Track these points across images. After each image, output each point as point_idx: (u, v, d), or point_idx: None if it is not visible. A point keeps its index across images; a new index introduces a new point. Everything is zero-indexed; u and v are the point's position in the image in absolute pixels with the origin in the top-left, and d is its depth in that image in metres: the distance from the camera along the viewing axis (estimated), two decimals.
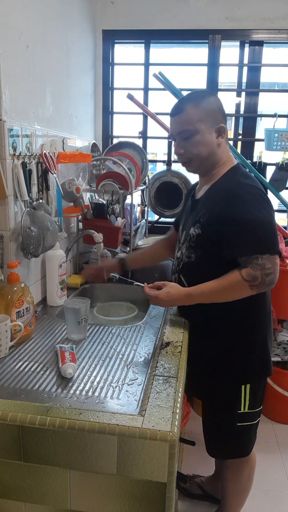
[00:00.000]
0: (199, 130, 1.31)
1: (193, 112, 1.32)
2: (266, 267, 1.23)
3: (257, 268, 1.23)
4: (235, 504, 1.61)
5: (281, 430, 2.32)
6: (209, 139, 1.33)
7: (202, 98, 1.34)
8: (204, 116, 1.32)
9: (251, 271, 1.23)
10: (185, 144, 1.35)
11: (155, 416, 0.95)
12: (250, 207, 1.25)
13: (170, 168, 2.64)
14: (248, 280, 1.24)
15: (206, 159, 1.36)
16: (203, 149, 1.33)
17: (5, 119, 1.35)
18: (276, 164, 2.51)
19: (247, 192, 1.28)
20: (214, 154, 1.35)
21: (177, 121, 1.35)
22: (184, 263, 1.42)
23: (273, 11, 2.38)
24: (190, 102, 1.34)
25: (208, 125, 1.32)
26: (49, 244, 1.57)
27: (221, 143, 1.35)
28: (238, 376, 1.40)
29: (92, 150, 2.29)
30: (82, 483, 0.98)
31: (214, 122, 1.33)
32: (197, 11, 2.42)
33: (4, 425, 0.95)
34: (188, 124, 1.32)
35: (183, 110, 1.34)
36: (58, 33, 1.84)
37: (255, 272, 1.23)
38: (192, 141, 1.33)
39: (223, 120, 1.35)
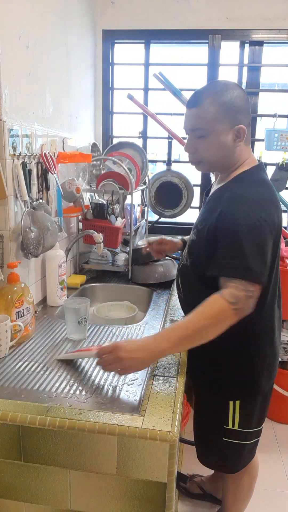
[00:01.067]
0: (214, 130, 1.18)
1: (210, 109, 1.17)
2: (249, 289, 1.08)
3: (241, 288, 1.08)
4: (235, 510, 1.60)
5: (281, 430, 2.32)
6: (224, 141, 1.19)
7: (225, 92, 1.18)
8: (222, 114, 1.17)
9: (234, 292, 1.07)
10: (197, 144, 1.23)
11: (155, 416, 0.95)
12: (243, 224, 1.10)
13: (170, 168, 2.64)
14: (232, 303, 1.07)
15: (218, 163, 1.25)
16: (216, 152, 1.22)
17: (5, 119, 1.35)
18: (276, 164, 2.51)
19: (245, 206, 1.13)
20: (229, 157, 1.23)
21: (192, 115, 1.21)
22: (183, 264, 1.39)
23: (273, 11, 2.37)
24: (210, 96, 1.18)
25: (226, 126, 1.18)
26: (49, 244, 1.57)
27: (238, 146, 1.21)
28: (224, 391, 1.33)
29: (92, 150, 2.29)
30: (82, 483, 0.98)
31: (233, 123, 1.18)
32: (197, 11, 2.42)
33: (4, 425, 0.95)
34: (203, 122, 1.19)
35: (200, 103, 1.19)
36: (58, 33, 1.84)
37: (239, 292, 1.07)
38: (205, 141, 1.21)
39: (244, 120, 1.20)
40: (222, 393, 1.34)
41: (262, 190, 1.19)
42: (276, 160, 2.52)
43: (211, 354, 1.31)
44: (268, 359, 1.32)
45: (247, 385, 1.31)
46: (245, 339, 1.27)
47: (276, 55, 2.61)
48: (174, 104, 2.56)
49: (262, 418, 1.40)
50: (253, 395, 1.33)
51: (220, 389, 1.34)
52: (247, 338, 1.27)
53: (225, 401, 1.33)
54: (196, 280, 1.30)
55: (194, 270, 1.31)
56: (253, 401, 1.34)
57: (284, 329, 2.42)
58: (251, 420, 1.36)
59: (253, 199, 1.15)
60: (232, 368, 1.30)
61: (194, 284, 1.31)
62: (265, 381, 1.33)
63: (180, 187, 2.60)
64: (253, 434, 1.39)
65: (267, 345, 1.31)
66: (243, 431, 1.35)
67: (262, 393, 1.35)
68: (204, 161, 1.26)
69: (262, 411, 1.39)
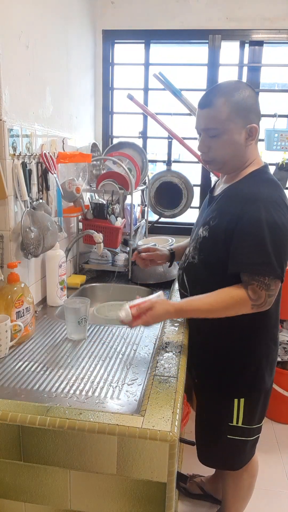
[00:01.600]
0: (227, 129, 1.21)
1: (223, 108, 1.19)
2: (271, 288, 1.16)
3: (263, 287, 1.15)
4: (235, 510, 1.60)
5: (281, 430, 2.32)
6: (237, 140, 1.22)
7: (236, 92, 1.20)
8: (235, 114, 1.20)
9: (257, 289, 1.16)
10: (210, 143, 1.24)
11: (155, 416, 0.95)
12: (265, 224, 1.14)
13: (170, 168, 2.64)
14: (253, 299, 1.16)
15: (230, 161, 1.27)
16: (229, 150, 1.24)
17: (5, 119, 1.35)
18: (276, 164, 2.51)
19: (265, 206, 1.16)
20: (241, 156, 1.25)
21: (205, 115, 1.23)
22: (188, 262, 1.38)
23: (273, 11, 2.37)
24: (222, 96, 1.20)
25: (238, 125, 1.21)
26: (49, 244, 1.57)
27: (250, 145, 1.24)
28: (230, 388, 1.36)
29: (92, 150, 2.29)
30: (82, 483, 0.98)
31: (245, 122, 1.21)
32: (197, 11, 2.42)
33: (4, 425, 0.95)
34: (216, 122, 1.21)
35: (213, 104, 1.21)
36: (58, 33, 1.84)
37: (261, 291, 1.16)
38: (219, 141, 1.23)
39: (256, 119, 1.23)
40: (228, 391, 1.36)
41: (276, 190, 1.22)
42: (276, 160, 2.52)
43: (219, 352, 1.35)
44: (272, 355, 1.36)
45: (253, 382, 1.34)
46: (255, 336, 1.32)
47: (276, 55, 2.61)
48: (174, 104, 2.56)
49: (263, 414, 1.43)
50: (258, 391, 1.36)
51: (227, 387, 1.36)
52: (257, 335, 1.32)
53: (230, 398, 1.36)
54: (207, 277, 1.31)
55: (205, 267, 1.31)
56: (257, 397, 1.36)
57: (284, 329, 2.42)
58: (254, 416, 1.38)
59: (272, 199, 1.18)
60: (240, 365, 1.33)
61: (204, 281, 1.31)
62: (268, 377, 1.36)
63: (180, 187, 2.60)
64: (255, 430, 1.41)
65: (272, 341, 1.35)
66: (246, 428, 1.38)
67: (266, 391, 1.38)
68: (217, 159, 1.28)
69: (264, 407, 1.41)
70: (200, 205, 2.72)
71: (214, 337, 1.35)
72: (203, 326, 1.35)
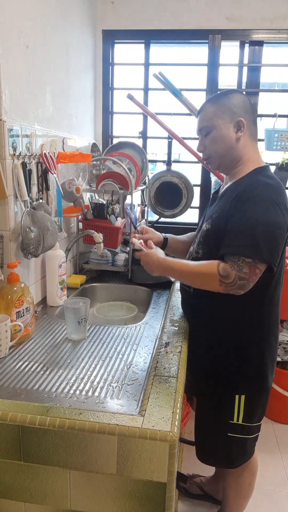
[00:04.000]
0: (215, 125, 1.31)
1: (210, 109, 1.33)
2: (243, 270, 1.18)
3: (234, 267, 1.19)
4: (236, 508, 1.60)
5: (281, 430, 2.32)
6: (226, 134, 1.31)
7: (223, 95, 1.34)
8: (220, 111, 1.31)
9: (228, 267, 1.19)
10: (205, 141, 1.35)
11: (155, 416, 0.95)
12: (259, 207, 1.20)
13: (170, 168, 2.64)
14: (221, 275, 1.20)
15: (224, 155, 1.34)
16: (221, 144, 1.32)
17: (5, 119, 1.35)
18: (276, 164, 2.50)
19: (262, 193, 1.22)
20: (232, 149, 1.32)
21: (198, 120, 1.37)
22: (192, 258, 1.41)
23: (273, 11, 2.37)
24: (210, 100, 1.35)
25: (225, 120, 1.31)
26: (49, 244, 1.57)
27: (241, 137, 1.31)
28: (232, 385, 1.37)
29: (92, 150, 2.29)
30: (82, 483, 0.98)
31: (232, 116, 1.30)
32: (197, 11, 2.42)
33: (4, 425, 0.95)
34: (206, 121, 1.33)
35: (203, 109, 1.36)
36: (58, 33, 1.84)
37: (231, 270, 1.19)
38: (210, 137, 1.33)
39: (244, 115, 1.31)
40: (229, 387, 1.37)
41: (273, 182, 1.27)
42: (276, 160, 2.51)
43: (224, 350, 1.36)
44: (273, 353, 1.38)
45: (254, 379, 1.36)
46: (258, 333, 1.34)
47: (276, 55, 2.61)
48: (174, 104, 2.56)
49: (263, 412, 1.44)
50: (259, 389, 1.38)
51: (228, 383, 1.37)
52: (260, 332, 1.34)
53: (231, 395, 1.37)
54: None
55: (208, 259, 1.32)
56: (258, 395, 1.38)
57: (284, 329, 2.42)
58: (254, 414, 1.39)
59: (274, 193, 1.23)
60: (242, 362, 1.35)
61: None
62: (270, 375, 1.38)
63: (180, 187, 2.60)
64: (255, 428, 1.42)
65: (273, 339, 1.38)
66: (246, 425, 1.39)
67: (266, 387, 1.39)
68: (213, 155, 1.36)
69: (264, 405, 1.43)
70: (200, 205, 2.72)
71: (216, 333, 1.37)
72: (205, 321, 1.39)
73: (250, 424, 1.40)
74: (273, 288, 1.33)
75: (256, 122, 1.37)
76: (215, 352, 1.38)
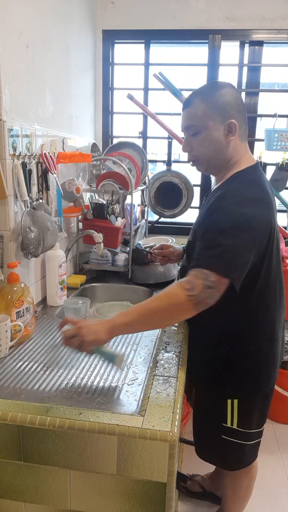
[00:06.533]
0: (205, 126, 1.22)
1: (200, 106, 1.22)
2: (210, 279, 1.07)
3: (200, 276, 1.07)
4: (235, 509, 1.59)
5: (281, 430, 2.32)
6: (216, 136, 1.22)
7: (214, 90, 1.23)
8: (212, 111, 1.21)
9: (191, 278, 1.08)
10: (192, 142, 1.26)
11: (155, 416, 0.95)
12: (225, 220, 1.11)
13: (170, 168, 2.64)
14: (186, 289, 1.07)
15: (213, 159, 1.26)
16: (210, 148, 1.24)
17: (5, 119, 1.35)
18: (276, 164, 2.51)
19: (228, 206, 1.13)
20: (222, 153, 1.24)
21: (186, 114, 1.27)
22: (182, 265, 1.40)
23: (273, 11, 2.37)
24: (200, 95, 1.24)
25: (217, 121, 1.21)
26: (49, 244, 1.57)
27: (231, 141, 1.23)
28: (223, 388, 1.33)
29: (92, 150, 2.29)
30: (82, 483, 0.98)
31: (224, 118, 1.21)
32: (197, 11, 2.42)
33: (4, 425, 0.95)
34: (195, 120, 1.23)
35: (192, 103, 1.24)
36: (58, 33, 1.84)
37: (196, 280, 1.07)
38: (199, 138, 1.24)
39: (236, 115, 1.22)
40: (220, 390, 1.34)
41: (253, 189, 1.19)
42: (276, 160, 2.52)
43: (211, 350, 1.33)
44: (267, 359, 1.31)
45: (244, 383, 1.31)
46: (244, 337, 1.28)
47: (276, 55, 2.60)
48: (174, 104, 2.56)
49: (263, 419, 1.39)
50: (252, 394, 1.33)
51: (219, 386, 1.34)
52: (246, 337, 1.28)
53: (223, 398, 1.34)
54: None
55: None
56: (252, 400, 1.34)
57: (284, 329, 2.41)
58: (251, 420, 1.35)
59: (243, 198, 1.15)
60: (230, 365, 1.30)
61: None
62: (264, 381, 1.33)
63: (180, 187, 2.60)
64: (253, 435, 1.38)
65: (266, 345, 1.30)
66: (243, 431, 1.35)
67: (262, 393, 1.35)
68: (200, 158, 1.28)
69: (263, 412, 1.38)
70: (200, 205, 2.72)
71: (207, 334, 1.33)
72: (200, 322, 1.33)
73: (247, 430, 1.35)
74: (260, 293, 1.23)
75: (246, 120, 1.28)
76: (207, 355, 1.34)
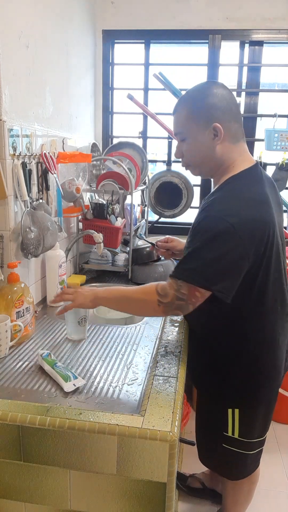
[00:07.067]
0: (189, 131, 1.19)
1: (184, 112, 1.19)
2: (181, 291, 1.11)
3: (173, 286, 1.12)
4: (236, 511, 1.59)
5: (281, 430, 2.32)
6: (201, 141, 1.18)
7: (198, 94, 1.19)
8: (195, 114, 1.17)
9: (166, 286, 1.14)
10: (182, 148, 1.24)
11: (155, 416, 0.95)
12: (208, 231, 1.09)
13: (170, 168, 2.64)
14: (159, 294, 1.14)
15: (203, 164, 1.23)
16: (198, 153, 1.21)
17: (5, 119, 1.34)
18: (276, 164, 2.51)
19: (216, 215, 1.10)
20: (211, 158, 1.19)
21: (173, 121, 1.25)
22: None
23: (273, 11, 2.37)
24: (184, 100, 1.21)
25: (201, 125, 1.16)
26: (49, 244, 1.57)
27: (217, 145, 1.17)
28: (223, 398, 1.31)
29: (92, 150, 2.29)
30: (82, 483, 0.98)
31: (207, 122, 1.15)
32: (197, 11, 2.42)
33: (4, 425, 0.95)
34: (180, 125, 1.21)
35: (177, 110, 1.22)
36: (58, 33, 1.84)
37: (170, 289, 1.13)
38: (186, 144, 1.22)
39: (222, 117, 1.15)
40: (220, 399, 1.33)
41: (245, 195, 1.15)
42: (276, 160, 2.52)
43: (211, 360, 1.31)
44: (268, 370, 1.27)
45: (244, 394, 1.29)
46: (243, 348, 1.25)
47: (276, 55, 2.60)
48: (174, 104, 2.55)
49: (265, 428, 1.37)
50: (253, 405, 1.30)
51: (219, 395, 1.33)
52: (245, 347, 1.25)
53: (224, 407, 1.32)
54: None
55: None
56: (253, 411, 1.31)
57: None
58: (252, 430, 1.33)
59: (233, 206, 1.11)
60: (229, 375, 1.28)
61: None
62: (265, 392, 1.30)
63: (180, 187, 2.60)
64: (255, 444, 1.35)
65: (266, 356, 1.26)
66: (244, 441, 1.33)
67: (263, 404, 1.32)
68: (191, 164, 1.27)
69: (265, 421, 1.35)
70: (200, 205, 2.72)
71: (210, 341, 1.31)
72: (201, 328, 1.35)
73: (249, 440, 1.33)
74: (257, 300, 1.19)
75: (240, 118, 1.21)
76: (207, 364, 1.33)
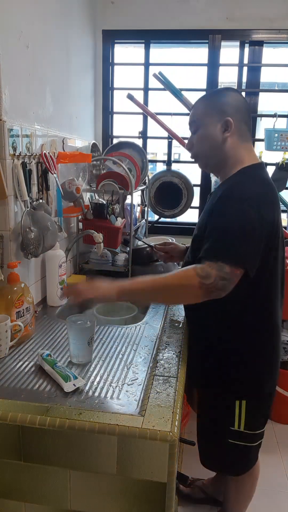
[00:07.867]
0: (203, 123, 1.28)
1: (201, 105, 1.30)
2: (224, 270, 1.10)
3: (214, 267, 1.10)
4: (237, 510, 1.59)
5: (281, 430, 2.32)
6: (212, 133, 1.26)
7: (217, 93, 1.32)
8: (210, 109, 1.27)
9: (207, 267, 1.11)
10: (193, 139, 1.32)
11: (155, 416, 0.95)
12: (234, 211, 1.13)
13: (170, 168, 2.64)
14: (200, 275, 1.10)
15: (210, 156, 1.30)
16: (207, 144, 1.28)
17: (5, 119, 1.34)
18: (276, 164, 2.51)
19: (236, 196, 1.16)
20: (219, 150, 1.27)
21: (190, 113, 1.34)
22: (186, 261, 1.40)
23: (273, 11, 2.37)
24: (203, 97, 1.33)
25: (214, 119, 1.26)
26: (49, 244, 1.57)
27: (228, 138, 1.25)
28: (231, 389, 1.33)
29: (92, 150, 2.29)
30: (82, 483, 0.98)
31: (221, 116, 1.25)
32: (197, 11, 2.42)
33: (4, 425, 0.95)
34: (194, 117, 1.31)
35: (196, 104, 1.33)
36: (58, 33, 1.84)
37: (211, 269, 1.10)
38: (198, 135, 1.30)
39: (234, 114, 1.25)
40: (228, 393, 1.34)
41: (260, 187, 1.22)
42: (276, 160, 2.52)
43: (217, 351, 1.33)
44: (270, 359, 1.32)
45: (251, 384, 1.32)
46: (249, 338, 1.29)
47: (276, 55, 2.61)
48: (174, 104, 2.56)
49: (266, 418, 1.40)
50: (258, 395, 1.33)
51: (226, 389, 1.34)
52: (251, 337, 1.29)
53: (231, 400, 1.33)
54: None
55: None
56: (258, 401, 1.34)
57: (284, 329, 2.42)
58: (257, 421, 1.35)
59: (251, 193, 1.17)
60: (237, 366, 1.31)
61: None
62: (267, 381, 1.33)
63: (180, 187, 2.60)
64: (258, 436, 1.38)
65: (269, 345, 1.31)
66: (249, 433, 1.35)
67: (266, 394, 1.35)
68: (199, 155, 1.34)
69: (267, 412, 1.39)
70: (200, 205, 2.72)
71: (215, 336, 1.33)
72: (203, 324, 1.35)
73: (253, 432, 1.35)
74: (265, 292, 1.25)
75: (250, 122, 1.31)
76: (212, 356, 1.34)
